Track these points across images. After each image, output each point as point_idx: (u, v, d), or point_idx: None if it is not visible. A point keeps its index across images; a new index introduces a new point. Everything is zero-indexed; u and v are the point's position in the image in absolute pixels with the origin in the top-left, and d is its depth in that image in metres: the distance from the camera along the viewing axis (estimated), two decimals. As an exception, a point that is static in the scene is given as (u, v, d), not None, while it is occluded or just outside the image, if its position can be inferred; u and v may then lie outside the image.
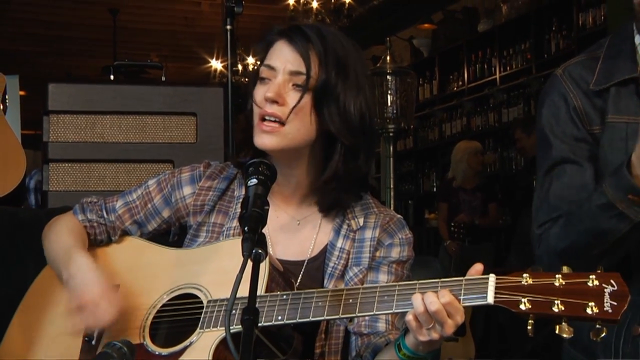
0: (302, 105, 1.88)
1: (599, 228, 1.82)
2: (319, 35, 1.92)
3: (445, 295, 1.59)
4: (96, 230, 2.07)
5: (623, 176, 1.75)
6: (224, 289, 1.77)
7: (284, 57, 1.91)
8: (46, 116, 3.21)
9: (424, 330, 1.61)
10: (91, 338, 1.94)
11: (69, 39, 10.35)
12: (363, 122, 1.93)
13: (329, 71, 1.89)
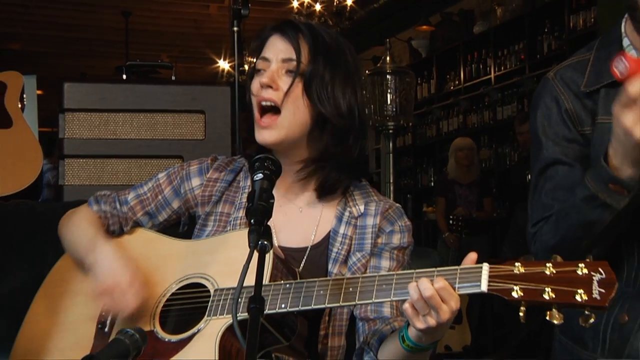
0: (295, 89, 1.90)
1: (586, 220, 1.82)
2: (309, 28, 1.96)
3: (439, 281, 1.59)
4: (109, 221, 2.07)
5: (602, 168, 1.75)
6: (230, 278, 1.78)
7: (276, 47, 1.94)
8: (62, 114, 3.22)
9: (420, 317, 1.61)
10: (104, 325, 1.95)
11: (84, 41, 10.36)
12: (351, 113, 1.94)
13: (318, 59, 1.91)
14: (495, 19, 8.50)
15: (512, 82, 8.20)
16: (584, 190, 1.79)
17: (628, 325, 1.87)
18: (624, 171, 1.72)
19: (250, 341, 1.41)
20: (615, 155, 1.72)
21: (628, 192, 1.74)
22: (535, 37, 7.83)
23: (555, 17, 7.53)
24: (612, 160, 1.73)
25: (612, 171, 1.73)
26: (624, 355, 1.85)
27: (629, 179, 1.72)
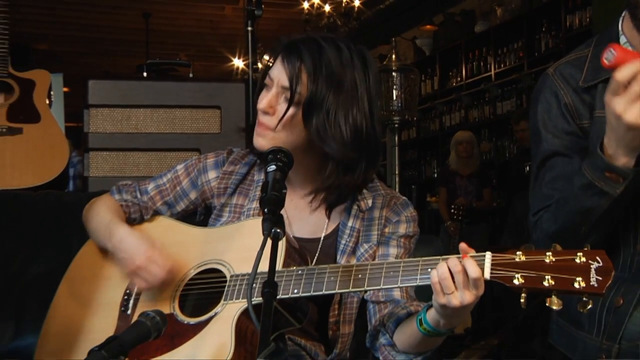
0: (290, 117, 1.86)
1: (584, 207, 1.81)
2: (315, 50, 1.86)
3: (472, 264, 1.56)
4: (131, 209, 2.07)
5: (598, 157, 1.75)
6: (246, 264, 1.77)
7: (278, 71, 1.88)
8: (86, 110, 3.22)
9: (442, 295, 1.57)
10: (127, 308, 1.95)
11: (107, 41, 10.39)
12: (358, 135, 1.86)
13: (319, 86, 1.84)
14: (495, 19, 8.49)
15: (512, 79, 8.18)
16: (582, 179, 1.79)
17: (623, 308, 1.86)
18: (619, 159, 1.72)
19: (264, 324, 1.41)
20: (609, 144, 1.72)
21: (623, 180, 1.74)
22: (534, 36, 7.81)
23: (552, 16, 7.50)
24: (607, 150, 1.73)
25: (608, 159, 1.73)
26: (618, 336, 1.85)
27: (623, 166, 1.72)
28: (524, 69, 7.91)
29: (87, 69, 10.72)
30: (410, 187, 9.92)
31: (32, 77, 3.39)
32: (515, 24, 8.07)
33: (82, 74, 3.48)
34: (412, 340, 1.78)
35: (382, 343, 1.87)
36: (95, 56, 10.98)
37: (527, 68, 7.87)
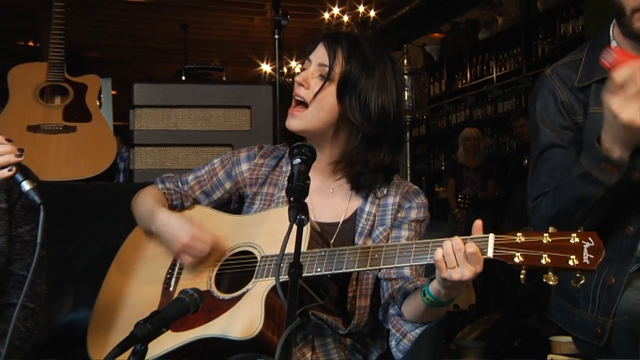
0: (325, 92, 1.89)
1: (580, 194, 1.80)
2: (351, 39, 1.91)
3: (471, 246, 1.57)
4: (172, 196, 2.08)
5: (596, 149, 1.74)
6: (274, 247, 1.78)
7: (318, 52, 1.92)
8: (132, 110, 3.24)
9: (446, 269, 1.59)
10: (169, 285, 1.96)
11: (150, 49, 10.42)
12: (384, 117, 1.89)
13: (353, 67, 1.88)
14: (497, 27, 8.44)
15: (511, 81, 8.12)
16: (579, 169, 1.78)
17: (615, 286, 1.85)
18: (615, 152, 1.71)
19: (291, 300, 1.42)
20: (606, 138, 1.71)
21: (617, 171, 1.73)
22: (531, 43, 7.76)
23: (548, 25, 7.45)
24: (604, 143, 1.72)
25: (605, 152, 1.72)
26: (611, 312, 1.84)
27: (618, 158, 1.71)
28: (523, 72, 7.87)
29: (132, 74, 10.78)
30: (420, 179, 9.89)
31: (84, 81, 3.41)
32: (515, 32, 8.01)
33: (128, 79, 3.49)
34: (417, 310, 1.79)
35: (392, 313, 1.88)
36: (139, 62, 11.02)
37: (525, 71, 7.82)
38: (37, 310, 1.78)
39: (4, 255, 1.75)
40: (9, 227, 1.77)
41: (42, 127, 3.22)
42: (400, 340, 1.84)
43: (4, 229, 1.76)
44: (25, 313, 1.76)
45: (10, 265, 1.77)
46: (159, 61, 10.78)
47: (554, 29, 7.30)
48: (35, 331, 1.76)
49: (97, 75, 3.49)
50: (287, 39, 4.00)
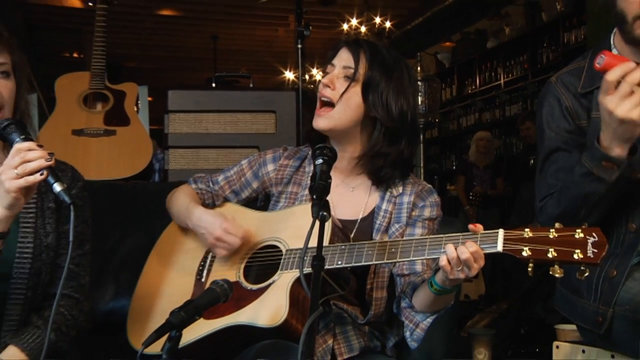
0: (351, 92, 1.89)
1: (583, 192, 1.78)
2: (371, 45, 1.93)
3: (472, 245, 1.57)
4: (204, 196, 2.09)
5: (596, 148, 1.72)
6: (298, 241, 1.78)
7: (341, 56, 1.93)
8: (167, 114, 3.25)
9: (454, 271, 1.59)
10: (201, 277, 1.96)
11: (183, 59, 10.46)
12: (403, 117, 1.90)
13: (374, 70, 1.89)
14: (504, 36, 8.39)
15: (518, 87, 8.07)
16: (582, 168, 1.76)
17: (616, 278, 1.83)
18: (614, 150, 1.70)
19: (314, 290, 1.42)
20: (605, 137, 1.70)
21: (617, 167, 1.72)
22: (536, 51, 7.70)
23: (552, 34, 7.39)
24: (603, 142, 1.71)
25: (604, 151, 1.70)
26: (612, 302, 1.82)
27: (617, 156, 1.70)
28: (529, 78, 7.81)
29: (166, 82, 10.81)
30: (433, 178, 9.85)
31: (123, 88, 3.43)
32: (521, 41, 7.96)
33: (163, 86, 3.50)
34: (426, 300, 1.78)
35: (403, 306, 1.87)
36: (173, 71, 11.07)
37: (531, 77, 7.77)
38: (81, 300, 1.79)
39: (53, 250, 1.76)
40: (57, 225, 1.78)
41: (85, 131, 3.25)
42: (413, 330, 1.84)
43: (53, 227, 1.77)
44: (71, 302, 1.77)
45: (58, 259, 1.78)
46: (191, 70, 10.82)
47: (558, 38, 7.24)
48: (79, 319, 1.78)
49: (135, 83, 3.51)
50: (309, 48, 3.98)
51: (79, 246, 1.81)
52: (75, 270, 1.79)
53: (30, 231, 1.74)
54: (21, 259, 1.71)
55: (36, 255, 1.73)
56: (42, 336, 1.69)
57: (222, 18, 8.74)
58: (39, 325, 1.71)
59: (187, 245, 2.05)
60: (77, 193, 1.82)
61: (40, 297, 1.76)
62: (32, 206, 1.76)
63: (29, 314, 1.73)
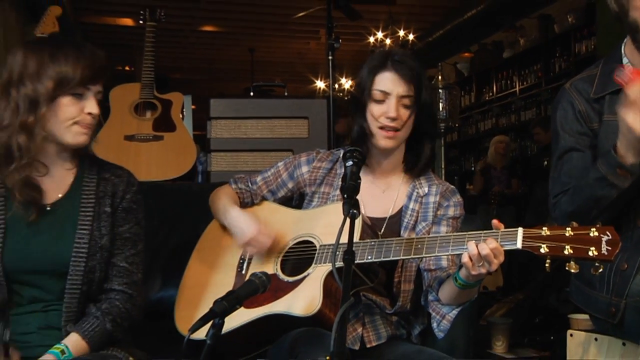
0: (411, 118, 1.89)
1: (596, 195, 1.75)
2: (412, 65, 1.89)
3: (492, 242, 1.55)
4: (244, 195, 2.09)
5: (612, 157, 1.69)
6: (331, 237, 1.76)
7: (393, 84, 1.88)
8: (209, 121, 3.27)
9: (475, 267, 1.58)
10: (242, 269, 1.96)
11: (223, 70, 10.53)
12: (435, 119, 1.93)
13: (423, 91, 1.89)
14: (519, 47, 8.29)
15: (532, 94, 7.96)
16: (596, 173, 1.73)
17: (627, 271, 1.79)
18: (629, 159, 1.67)
19: (345, 282, 1.41)
20: (621, 147, 1.67)
21: (631, 175, 1.69)
22: (549, 60, 7.59)
23: (564, 45, 7.28)
24: (619, 151, 1.68)
25: (620, 159, 1.68)
26: (624, 293, 1.79)
27: (632, 165, 1.67)
28: (542, 86, 7.69)
29: (208, 91, 10.85)
30: (453, 178, 9.76)
31: (170, 98, 3.45)
32: (535, 51, 7.85)
33: (205, 95, 3.52)
34: (451, 294, 1.76)
35: (431, 299, 1.86)
36: (214, 81, 11.14)
37: (544, 85, 7.65)
38: (134, 295, 1.81)
39: (107, 250, 1.78)
40: (112, 227, 1.80)
41: (136, 136, 3.27)
42: (440, 322, 1.82)
43: (108, 229, 1.79)
44: (125, 297, 1.79)
45: (112, 258, 1.80)
46: (231, 80, 10.89)
47: (569, 48, 7.13)
48: (132, 312, 1.80)
49: (180, 93, 3.53)
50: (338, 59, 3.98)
51: (133, 246, 1.82)
52: (129, 269, 1.81)
53: (86, 233, 1.76)
54: (77, 258, 1.74)
55: (91, 255, 1.75)
56: (100, 326, 1.72)
57: (258, 32, 8.77)
58: (98, 316, 1.74)
59: (227, 241, 2.05)
60: (132, 197, 1.84)
61: (96, 291, 1.78)
62: (89, 210, 1.78)
63: (86, 306, 1.76)
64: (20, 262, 1.71)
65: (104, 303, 1.76)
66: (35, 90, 1.68)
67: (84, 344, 1.69)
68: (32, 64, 1.69)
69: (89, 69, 1.71)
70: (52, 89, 1.68)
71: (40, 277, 1.73)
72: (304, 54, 9.64)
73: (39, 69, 1.68)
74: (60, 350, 1.66)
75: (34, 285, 1.73)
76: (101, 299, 1.78)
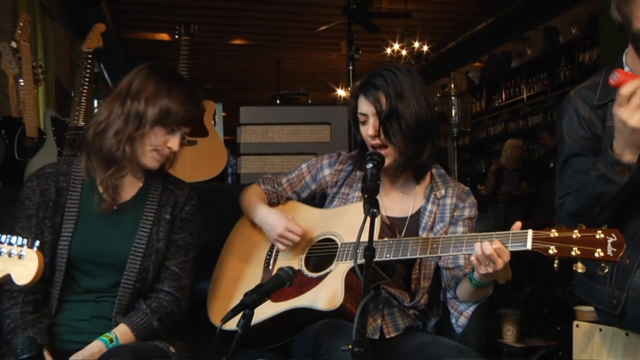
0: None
1: (598, 192, 1.72)
2: (381, 80, 1.82)
3: (495, 243, 1.54)
4: (270, 196, 2.08)
5: (609, 155, 1.67)
6: (352, 235, 1.76)
7: (367, 106, 1.83)
8: (239, 127, 3.26)
9: (482, 266, 1.56)
10: (269, 264, 1.96)
11: (251, 80, 10.58)
12: (420, 123, 1.80)
13: (391, 103, 1.79)
14: (526, 57, 8.21)
15: (539, 100, 7.87)
16: (596, 171, 1.71)
17: (629, 267, 1.77)
18: (625, 156, 1.65)
19: (366, 277, 1.40)
20: (618, 145, 1.65)
21: (628, 172, 1.67)
22: (555, 69, 7.50)
23: (569, 55, 7.18)
24: (616, 149, 1.66)
25: (617, 157, 1.65)
26: (626, 286, 1.76)
27: (628, 162, 1.65)
28: (548, 93, 7.60)
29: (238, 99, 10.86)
30: (466, 179, 9.69)
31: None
32: (541, 61, 7.76)
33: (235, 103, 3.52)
34: (467, 292, 1.74)
35: (449, 297, 1.84)
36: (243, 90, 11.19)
37: (550, 92, 7.56)
38: (180, 299, 1.82)
39: (162, 254, 1.80)
40: (169, 234, 1.81)
41: (172, 141, 3.28)
42: (458, 318, 1.81)
43: (165, 235, 1.81)
44: (173, 299, 1.81)
45: (166, 262, 1.82)
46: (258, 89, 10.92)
47: (574, 58, 7.05)
48: (177, 314, 1.81)
49: (212, 101, 3.54)
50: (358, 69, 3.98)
51: (185, 253, 1.84)
52: (179, 274, 1.82)
53: (145, 235, 1.78)
54: (134, 257, 1.76)
55: (147, 255, 1.77)
56: (148, 322, 1.74)
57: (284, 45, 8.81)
58: (147, 312, 1.75)
59: (255, 238, 2.04)
60: (190, 209, 1.87)
61: (148, 289, 1.80)
62: (151, 215, 1.81)
63: (136, 301, 1.78)
64: (85, 251, 1.74)
65: (154, 302, 1.78)
66: (145, 111, 1.72)
67: (132, 336, 1.71)
68: (152, 87, 1.74)
69: (190, 115, 1.76)
70: (156, 116, 1.71)
71: (99, 269, 1.76)
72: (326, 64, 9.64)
73: (156, 95, 1.72)
74: (109, 339, 1.68)
75: (92, 275, 1.76)
76: (151, 297, 1.79)
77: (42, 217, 1.74)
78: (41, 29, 5.38)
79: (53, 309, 1.74)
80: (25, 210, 1.75)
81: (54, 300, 1.74)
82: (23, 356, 1.46)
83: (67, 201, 1.77)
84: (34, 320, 1.69)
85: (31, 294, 1.71)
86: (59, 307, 1.74)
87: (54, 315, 1.74)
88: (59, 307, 1.74)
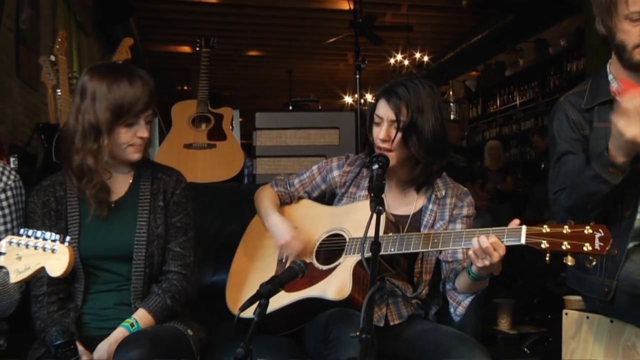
0: (400, 139, 1.80)
1: (591, 191, 1.71)
2: (405, 91, 1.79)
3: (492, 237, 1.53)
4: (283, 196, 2.07)
5: (605, 157, 1.67)
6: (359, 231, 1.75)
7: (385, 110, 1.81)
8: (255, 131, 3.27)
9: (479, 259, 1.55)
10: (282, 259, 1.95)
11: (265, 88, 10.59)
12: (435, 137, 1.79)
13: (412, 116, 1.78)
14: (519, 67, 8.17)
15: (531, 107, 7.82)
16: (591, 171, 1.70)
17: (617, 256, 1.76)
18: (619, 159, 1.64)
19: (372, 270, 1.40)
20: (613, 148, 1.65)
21: (621, 173, 1.66)
22: (545, 78, 7.46)
23: (558, 64, 7.15)
24: (610, 152, 1.65)
25: (611, 159, 1.65)
26: (616, 276, 1.75)
27: (622, 164, 1.64)
28: (539, 100, 7.56)
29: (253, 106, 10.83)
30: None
31: (221, 112, 3.46)
32: (533, 70, 7.71)
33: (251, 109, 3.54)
34: (466, 284, 1.73)
35: (448, 288, 1.83)
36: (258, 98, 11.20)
37: (541, 99, 7.51)
38: (188, 275, 1.82)
39: (163, 238, 1.80)
40: (166, 218, 1.81)
41: (193, 145, 3.29)
42: (456, 308, 1.80)
43: (162, 220, 1.81)
44: (180, 276, 1.81)
45: (168, 244, 1.82)
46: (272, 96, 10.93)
47: (562, 67, 7.02)
48: (188, 288, 1.81)
49: (230, 108, 3.54)
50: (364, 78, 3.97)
51: (184, 233, 1.84)
52: (183, 253, 1.82)
53: (144, 224, 1.78)
54: (138, 245, 1.76)
55: (149, 242, 1.77)
56: (162, 302, 1.75)
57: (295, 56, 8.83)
58: (159, 293, 1.76)
59: (269, 234, 2.04)
60: (181, 192, 1.85)
61: (157, 273, 1.80)
62: (146, 205, 1.80)
63: (149, 285, 1.78)
64: (93, 250, 1.75)
65: (164, 283, 1.78)
66: (97, 119, 1.68)
67: (150, 318, 1.72)
68: (93, 91, 1.68)
69: (139, 101, 1.69)
70: (110, 119, 1.68)
71: (110, 262, 1.76)
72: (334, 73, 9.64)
73: (100, 97, 1.67)
74: (130, 324, 1.69)
75: (106, 269, 1.77)
76: (161, 280, 1.79)
77: (48, 226, 1.75)
78: (76, 44, 5.43)
79: (79, 301, 1.75)
80: (33, 224, 1.76)
81: (79, 294, 1.75)
82: (57, 342, 1.47)
83: (67, 207, 1.78)
84: (61, 317, 1.71)
85: (54, 294, 1.73)
86: (85, 299, 1.76)
87: (80, 307, 1.75)
88: (85, 299, 1.76)
